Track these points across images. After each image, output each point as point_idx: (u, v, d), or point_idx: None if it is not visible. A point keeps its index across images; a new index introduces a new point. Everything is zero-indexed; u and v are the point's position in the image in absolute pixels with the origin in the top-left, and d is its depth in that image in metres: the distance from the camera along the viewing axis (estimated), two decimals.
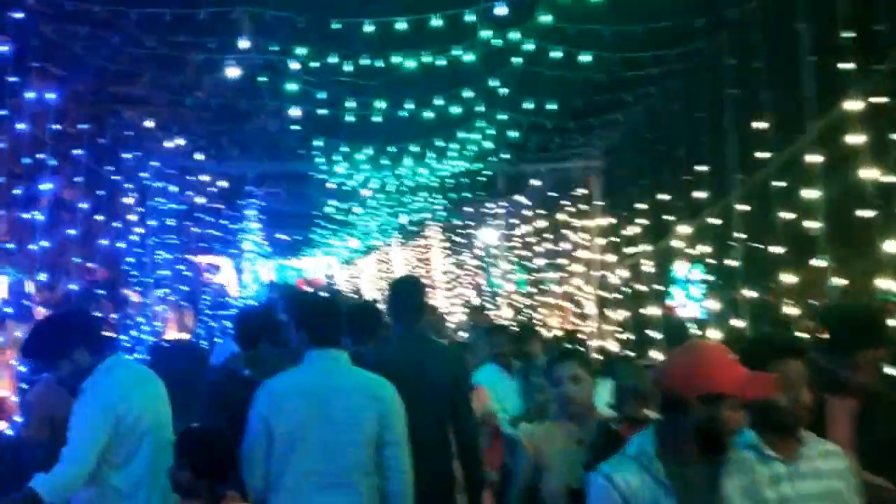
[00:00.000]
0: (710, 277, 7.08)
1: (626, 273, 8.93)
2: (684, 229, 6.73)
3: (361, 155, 9.05)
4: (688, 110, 6.48)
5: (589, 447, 2.88)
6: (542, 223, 11.51)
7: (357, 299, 16.64)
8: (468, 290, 18.50)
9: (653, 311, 7.93)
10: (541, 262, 12.06)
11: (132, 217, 9.33)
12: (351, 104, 7.04)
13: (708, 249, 6.54)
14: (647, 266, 8.10)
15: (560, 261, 11.17)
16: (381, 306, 5.13)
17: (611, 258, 9.30)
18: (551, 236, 11.38)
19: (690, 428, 2.04)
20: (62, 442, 3.12)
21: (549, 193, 10.99)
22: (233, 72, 6.59)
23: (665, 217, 7.01)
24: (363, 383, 3.12)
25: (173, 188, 10.31)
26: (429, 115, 7.17)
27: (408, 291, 3.91)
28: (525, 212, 12.35)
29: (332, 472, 2.99)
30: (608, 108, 7.25)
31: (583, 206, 10.04)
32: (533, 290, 12.65)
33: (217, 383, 4.38)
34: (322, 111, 7.09)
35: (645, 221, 7.74)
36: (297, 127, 8.11)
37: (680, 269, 13.39)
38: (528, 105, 7.14)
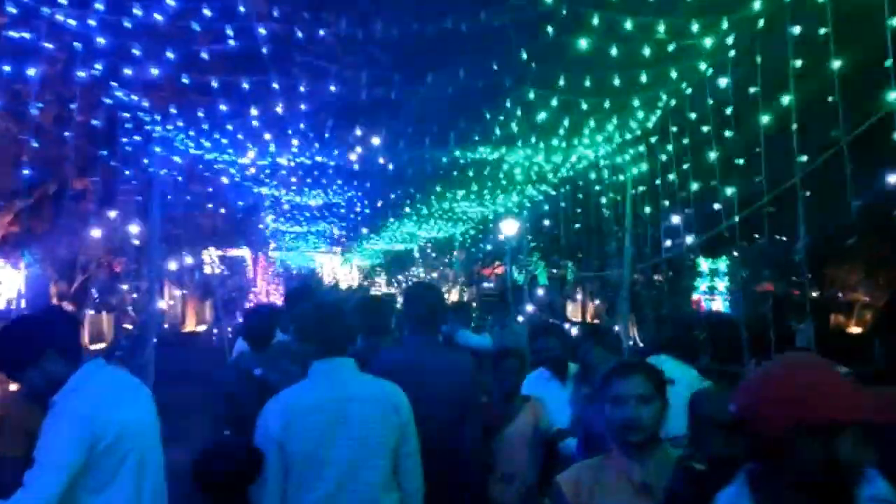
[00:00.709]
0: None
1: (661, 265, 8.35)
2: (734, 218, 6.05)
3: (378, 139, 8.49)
4: (742, 84, 5.80)
5: (666, 498, 2.20)
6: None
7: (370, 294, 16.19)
8: (488, 284, 18.06)
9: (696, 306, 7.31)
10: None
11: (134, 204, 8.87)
12: (363, 78, 6.45)
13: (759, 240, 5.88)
14: (690, 258, 7.46)
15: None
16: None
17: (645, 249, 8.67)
18: (579, 226, 10.82)
19: (802, 474, 1.51)
20: None
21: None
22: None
23: (715, 205, 6.33)
24: (379, 393, 2.92)
25: (179, 177, 9.84)
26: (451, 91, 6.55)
27: (422, 298, 3.70)
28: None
29: (356, 491, 2.80)
30: (648, 83, 6.58)
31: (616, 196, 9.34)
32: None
33: (227, 383, 4.22)
34: (335, 88, 6.55)
35: (689, 210, 7.06)
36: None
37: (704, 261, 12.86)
38: (560, 82, 6.53)
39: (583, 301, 18.10)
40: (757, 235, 7.41)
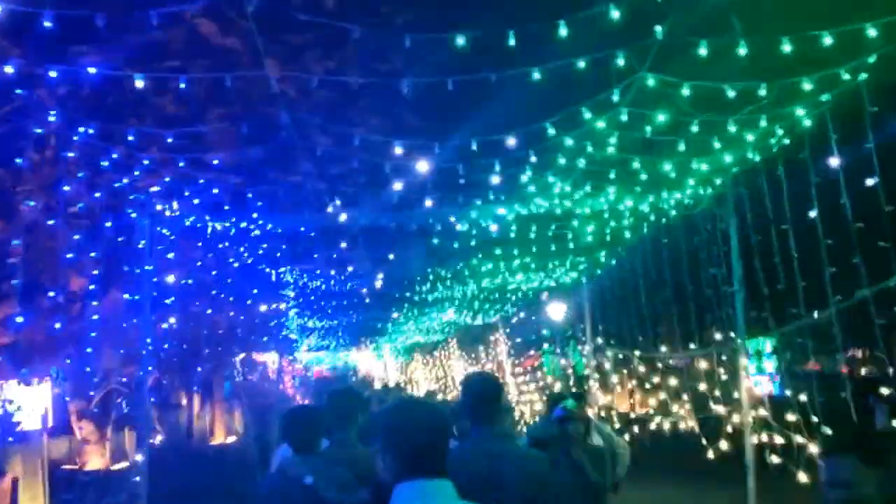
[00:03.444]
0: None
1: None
2: None
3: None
4: None
5: None
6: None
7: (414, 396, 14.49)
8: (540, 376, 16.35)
9: None
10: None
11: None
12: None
13: None
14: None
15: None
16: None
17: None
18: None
19: None
20: None
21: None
22: None
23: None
24: None
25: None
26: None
27: (483, 389, 3.55)
28: None
29: None
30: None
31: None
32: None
33: (270, 492, 3.99)
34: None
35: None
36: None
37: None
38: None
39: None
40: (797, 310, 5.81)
